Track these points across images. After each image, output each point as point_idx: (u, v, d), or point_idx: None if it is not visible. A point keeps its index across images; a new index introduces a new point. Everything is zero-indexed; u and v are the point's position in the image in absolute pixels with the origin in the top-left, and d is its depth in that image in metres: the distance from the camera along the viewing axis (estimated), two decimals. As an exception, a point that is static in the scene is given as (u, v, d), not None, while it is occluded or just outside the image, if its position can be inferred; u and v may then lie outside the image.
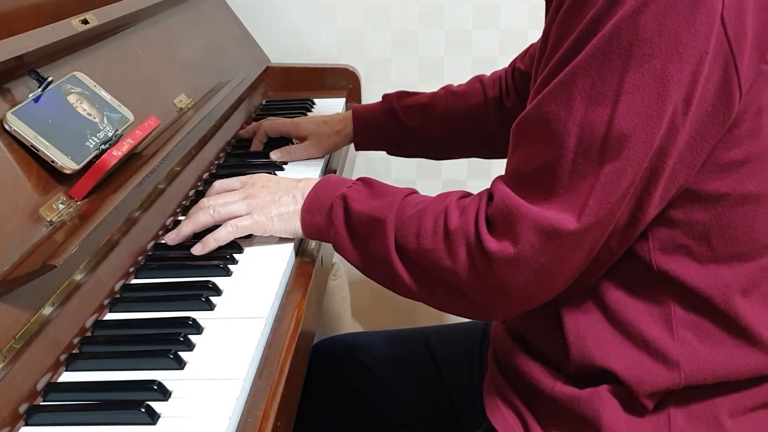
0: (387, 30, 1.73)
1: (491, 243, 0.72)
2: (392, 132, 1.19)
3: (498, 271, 0.72)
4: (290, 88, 1.62)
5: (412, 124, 1.18)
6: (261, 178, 0.94)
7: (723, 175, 0.71)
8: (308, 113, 1.46)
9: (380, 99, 1.22)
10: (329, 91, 1.61)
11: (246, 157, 1.22)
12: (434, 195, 0.82)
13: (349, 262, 0.84)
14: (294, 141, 1.24)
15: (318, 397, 1.08)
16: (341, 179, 0.89)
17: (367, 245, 0.81)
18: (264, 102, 1.54)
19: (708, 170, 0.70)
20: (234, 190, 0.93)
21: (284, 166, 1.18)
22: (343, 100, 1.57)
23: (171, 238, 0.90)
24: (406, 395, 1.04)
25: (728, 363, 0.75)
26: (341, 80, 1.63)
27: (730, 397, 0.77)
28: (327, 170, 1.22)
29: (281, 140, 1.24)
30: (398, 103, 1.19)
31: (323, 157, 1.21)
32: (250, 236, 0.94)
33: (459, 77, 1.75)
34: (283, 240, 0.92)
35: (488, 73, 1.77)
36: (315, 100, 1.53)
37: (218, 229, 0.88)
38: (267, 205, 0.89)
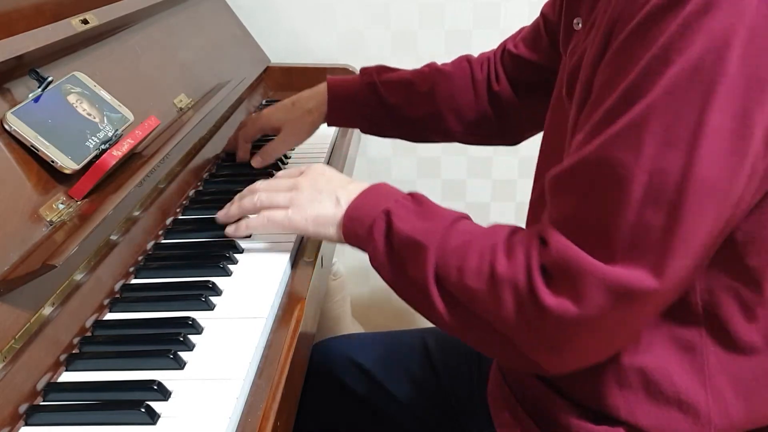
0: (387, 30, 1.73)
1: (548, 298, 0.64)
2: (371, 108, 1.12)
3: (552, 328, 0.64)
4: (290, 88, 1.62)
5: (394, 101, 1.10)
6: (315, 170, 0.89)
7: None
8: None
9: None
10: (329, 91, 1.61)
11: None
12: (485, 224, 0.75)
13: (383, 279, 0.79)
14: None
15: (317, 397, 1.08)
16: (392, 190, 0.82)
17: (405, 267, 0.75)
18: (264, 102, 1.54)
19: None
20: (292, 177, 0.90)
21: (287, 159, 1.17)
22: (343, 100, 1.57)
23: (221, 214, 0.92)
24: (403, 396, 1.04)
25: (759, 410, 0.72)
26: (341, 80, 1.62)
27: None
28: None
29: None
30: (378, 77, 1.11)
31: (305, 140, 1.16)
32: (249, 236, 0.94)
33: (459, 77, 1.76)
34: (283, 240, 0.92)
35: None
36: (315, 100, 1.53)
37: (253, 217, 0.88)
38: (306, 204, 0.84)
